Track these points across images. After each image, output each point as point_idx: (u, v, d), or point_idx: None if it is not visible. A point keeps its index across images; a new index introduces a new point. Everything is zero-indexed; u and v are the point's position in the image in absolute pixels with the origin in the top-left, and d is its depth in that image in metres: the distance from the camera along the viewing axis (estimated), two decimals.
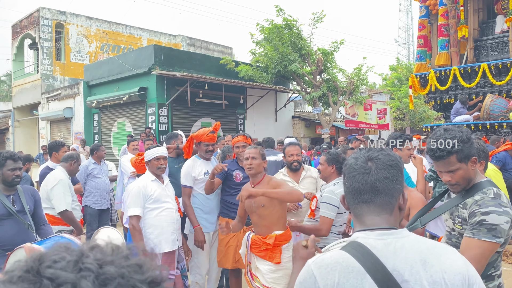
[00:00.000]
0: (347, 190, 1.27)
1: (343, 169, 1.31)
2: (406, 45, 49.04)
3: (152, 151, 3.72)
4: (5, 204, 3.16)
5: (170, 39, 23.72)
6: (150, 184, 3.63)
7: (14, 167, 3.23)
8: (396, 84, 21.15)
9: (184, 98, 12.76)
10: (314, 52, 15.03)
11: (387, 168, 1.22)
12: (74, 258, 0.53)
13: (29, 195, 3.41)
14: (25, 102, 20.11)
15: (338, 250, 1.16)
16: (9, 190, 3.29)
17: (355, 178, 1.23)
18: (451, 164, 1.91)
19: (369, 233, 1.17)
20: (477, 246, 1.78)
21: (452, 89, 10.42)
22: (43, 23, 18.82)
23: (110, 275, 0.52)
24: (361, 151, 1.29)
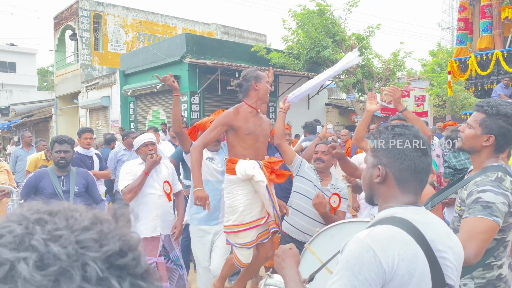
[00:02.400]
0: (406, 167, 1.28)
1: (387, 144, 1.31)
2: (450, 29, 46.88)
3: (139, 138, 3.73)
4: (54, 184, 3.45)
5: (205, 27, 23.85)
6: (137, 167, 3.65)
7: (59, 149, 3.53)
8: (436, 70, 20.29)
9: (215, 86, 12.83)
10: (348, 37, 14.65)
11: (430, 150, 1.33)
12: (23, 231, 0.48)
13: (80, 177, 3.66)
14: (66, 91, 20.94)
15: (386, 225, 1.19)
16: (61, 171, 3.56)
17: (419, 158, 1.28)
18: (473, 119, 1.91)
19: (405, 208, 1.25)
20: (471, 223, 1.72)
21: (494, 74, 9.86)
22: (82, 14, 19.42)
23: (55, 255, 0.46)
24: (406, 129, 1.31)
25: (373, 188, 1.33)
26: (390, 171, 1.28)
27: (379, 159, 1.31)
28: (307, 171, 3.40)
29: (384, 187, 1.30)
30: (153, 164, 3.58)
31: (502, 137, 1.82)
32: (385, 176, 1.29)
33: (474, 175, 1.87)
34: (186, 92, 13.16)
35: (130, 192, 3.48)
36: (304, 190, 3.34)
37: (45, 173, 3.53)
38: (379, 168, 1.29)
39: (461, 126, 2.00)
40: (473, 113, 1.93)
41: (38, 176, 3.48)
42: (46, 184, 3.45)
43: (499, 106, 1.81)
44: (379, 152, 1.31)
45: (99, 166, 5.27)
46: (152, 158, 3.57)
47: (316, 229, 3.28)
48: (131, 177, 3.55)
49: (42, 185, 3.44)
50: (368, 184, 1.35)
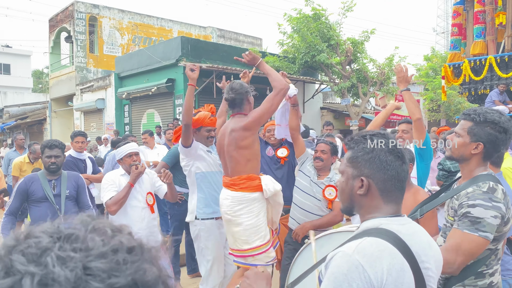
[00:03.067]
0: (390, 177, 1.26)
1: (367, 155, 1.28)
2: (445, 34, 47.23)
3: (123, 148, 3.59)
4: (44, 188, 3.43)
5: (200, 30, 23.87)
6: (119, 178, 3.54)
7: (49, 154, 3.50)
8: (430, 75, 20.40)
9: (211, 89, 12.82)
10: (343, 42, 14.70)
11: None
12: (48, 245, 0.48)
13: (72, 181, 3.63)
14: (61, 93, 20.86)
15: (373, 238, 1.17)
16: (52, 175, 3.54)
17: (401, 167, 1.27)
18: (461, 128, 1.91)
19: (390, 220, 1.24)
20: (458, 237, 1.74)
21: (487, 79, 9.92)
22: (77, 16, 19.38)
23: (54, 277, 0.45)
24: (385, 137, 1.30)
25: (355, 199, 1.30)
26: (373, 182, 1.26)
27: (360, 170, 1.28)
28: (308, 168, 3.55)
29: (367, 198, 1.28)
30: (138, 175, 3.49)
31: (490, 144, 1.82)
32: (368, 187, 1.27)
33: (464, 185, 1.86)
34: (181, 95, 13.14)
35: (115, 204, 3.37)
36: (302, 186, 3.49)
37: (35, 177, 3.51)
38: (363, 179, 1.27)
39: (449, 135, 2.00)
40: (460, 122, 1.93)
41: (28, 181, 3.46)
42: (36, 188, 3.43)
43: (486, 114, 1.82)
44: (360, 163, 1.28)
45: (92, 169, 5.23)
46: (137, 168, 3.47)
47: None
48: (115, 188, 3.45)
49: (32, 189, 3.42)
50: (348, 196, 1.32)
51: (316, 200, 3.40)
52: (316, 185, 3.42)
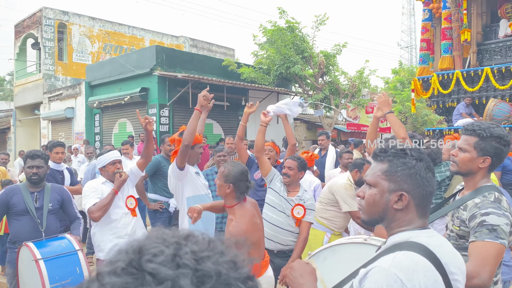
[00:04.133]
0: (428, 193, 1.29)
1: (409, 170, 1.29)
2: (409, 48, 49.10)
3: (106, 156, 3.55)
4: (26, 201, 3.30)
5: (173, 40, 23.73)
6: (101, 186, 3.50)
7: (31, 164, 3.38)
8: (398, 88, 21.13)
9: (186, 99, 12.75)
10: (316, 54, 15.02)
11: None
12: (172, 251, 0.54)
13: (55, 193, 3.50)
14: (27, 101, 20.12)
15: (406, 252, 1.19)
16: (34, 187, 3.41)
17: (432, 180, 1.29)
18: (466, 143, 1.98)
19: (419, 233, 1.26)
20: (481, 247, 1.76)
21: (454, 92, 10.37)
22: (46, 23, 18.85)
23: (208, 273, 0.52)
24: (422, 153, 1.32)
25: (388, 213, 1.30)
26: (411, 197, 1.27)
27: (399, 185, 1.28)
28: (277, 184, 3.60)
29: (402, 212, 1.28)
30: (123, 182, 3.46)
31: (496, 157, 1.93)
32: (417, 203, 1.28)
33: (469, 196, 1.94)
34: (155, 105, 12.99)
35: (99, 210, 3.30)
36: (272, 202, 3.54)
37: (16, 189, 3.37)
38: (403, 195, 1.27)
39: (453, 151, 2.06)
40: (463, 137, 2.00)
41: (8, 193, 3.32)
42: (17, 200, 3.29)
43: (491, 129, 1.92)
44: (399, 178, 1.28)
45: (70, 181, 5.08)
46: (121, 176, 3.44)
47: (285, 237, 3.41)
48: (97, 195, 3.39)
49: (13, 202, 3.28)
50: (382, 209, 1.31)
51: (285, 216, 3.46)
52: (287, 201, 3.48)
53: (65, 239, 3.13)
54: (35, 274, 2.81)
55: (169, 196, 4.96)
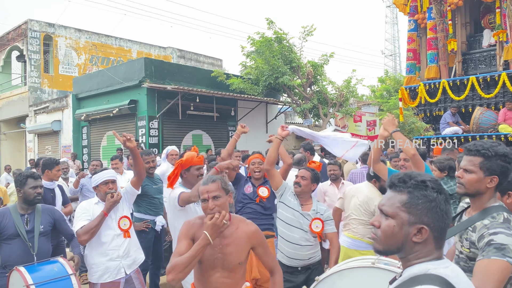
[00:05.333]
0: (446, 226, 1.28)
1: (430, 203, 1.27)
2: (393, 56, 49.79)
3: (99, 176, 3.44)
4: (16, 224, 3.20)
5: (160, 51, 23.70)
6: (93, 207, 3.41)
7: (35, 184, 3.32)
8: (385, 96, 21.37)
9: (175, 110, 12.70)
10: (304, 64, 15.13)
11: None
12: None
13: (46, 215, 3.42)
14: (12, 114, 19.81)
15: (427, 286, 1.18)
16: (26, 209, 3.33)
17: (450, 212, 1.29)
18: (471, 164, 1.96)
19: (436, 264, 1.26)
20: (486, 265, 1.73)
21: (441, 101, 10.51)
22: (31, 35, 18.66)
23: None
24: (440, 184, 1.31)
25: (407, 245, 1.28)
26: (431, 231, 1.26)
27: (419, 218, 1.26)
28: (289, 198, 3.50)
29: (420, 245, 1.27)
30: (114, 204, 3.34)
31: (503, 175, 1.92)
32: (436, 236, 1.28)
33: (477, 217, 1.93)
34: (144, 117, 12.90)
35: (86, 234, 3.19)
36: (286, 218, 3.45)
37: (6, 212, 3.26)
38: (423, 228, 1.26)
39: (457, 173, 2.05)
40: (466, 158, 1.99)
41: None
42: (7, 224, 3.19)
43: (495, 148, 1.92)
44: (419, 211, 1.26)
45: (61, 199, 4.98)
46: (113, 197, 3.33)
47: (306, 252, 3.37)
48: (87, 217, 3.29)
49: (3, 225, 3.17)
50: (401, 241, 1.29)
51: (303, 232, 3.38)
52: (303, 216, 3.40)
53: (57, 262, 3.06)
54: None
55: (154, 214, 4.88)
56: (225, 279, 2.23)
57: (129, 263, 3.42)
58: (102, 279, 3.29)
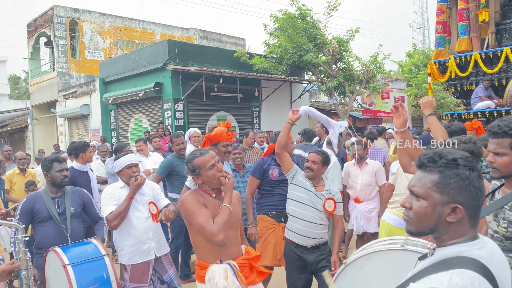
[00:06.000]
0: (477, 203, 1.24)
1: (463, 182, 1.23)
2: (421, 30, 48.12)
3: (123, 160, 3.50)
4: (49, 207, 3.31)
5: (183, 32, 23.69)
6: (119, 191, 3.47)
7: (60, 168, 3.41)
8: (413, 71, 20.75)
9: (199, 92, 12.75)
10: (329, 41, 14.80)
11: None
12: None
13: (76, 197, 3.52)
14: (42, 100, 20.41)
15: (461, 270, 1.15)
16: (56, 192, 3.43)
17: (483, 189, 1.25)
18: (501, 146, 1.90)
19: (469, 245, 1.22)
20: None
21: (473, 75, 10.12)
22: (57, 21, 18.98)
23: None
24: (472, 161, 1.26)
25: (441, 226, 1.25)
26: (465, 209, 1.22)
27: (452, 197, 1.22)
28: (301, 179, 3.57)
29: (455, 225, 1.24)
30: (138, 186, 3.41)
31: None
32: (470, 215, 1.24)
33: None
34: (169, 99, 13.02)
35: (115, 219, 3.27)
36: (299, 197, 3.52)
37: (38, 195, 3.38)
38: (458, 207, 1.22)
39: (488, 157, 1.98)
40: (494, 141, 1.92)
41: (31, 200, 3.33)
42: (40, 207, 3.31)
43: None
44: (452, 190, 1.22)
45: (96, 182, 5.14)
46: (137, 180, 3.39)
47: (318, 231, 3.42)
48: (114, 202, 3.36)
49: (36, 208, 3.29)
50: (434, 222, 1.25)
51: (317, 211, 3.46)
52: (316, 197, 3.48)
53: (91, 243, 3.16)
54: (63, 280, 2.83)
55: None
56: (235, 235, 2.66)
57: (158, 246, 3.50)
58: (133, 261, 3.38)
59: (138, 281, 3.34)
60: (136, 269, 3.36)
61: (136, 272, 3.35)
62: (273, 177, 4.01)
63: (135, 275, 3.35)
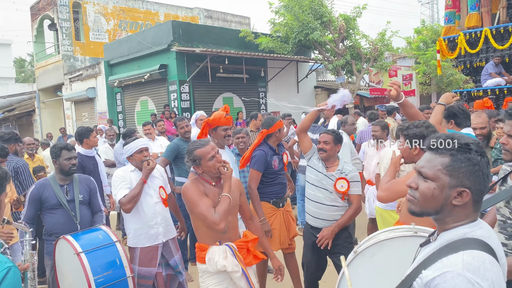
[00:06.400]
0: (485, 189, 1.26)
1: (473, 167, 1.24)
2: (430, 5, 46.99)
3: (133, 145, 3.49)
4: (57, 194, 3.32)
5: (187, 12, 23.38)
6: (129, 175, 3.46)
7: (69, 156, 3.40)
8: (421, 48, 20.35)
9: (205, 74, 12.65)
10: (335, 19, 14.54)
11: None
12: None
13: (84, 184, 3.54)
14: (48, 83, 20.41)
15: (470, 251, 1.18)
16: (65, 179, 3.44)
17: (490, 175, 1.27)
18: None
19: (472, 226, 1.25)
20: None
21: (483, 51, 9.90)
22: (60, 3, 18.79)
23: None
24: (481, 147, 1.27)
25: (446, 208, 1.26)
26: (471, 194, 1.24)
27: (460, 181, 1.23)
28: (314, 161, 3.56)
29: (460, 208, 1.25)
30: (151, 170, 3.42)
31: None
32: (475, 199, 1.25)
33: None
34: (175, 81, 12.94)
35: (130, 202, 3.28)
36: (312, 180, 3.51)
37: (46, 183, 3.38)
38: (465, 191, 1.23)
39: (502, 139, 1.95)
40: (509, 122, 1.89)
41: (39, 188, 3.33)
42: (49, 194, 3.32)
43: None
44: (462, 174, 1.23)
45: (103, 166, 5.15)
46: (149, 164, 3.41)
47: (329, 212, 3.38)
48: (127, 185, 3.37)
49: (45, 196, 3.31)
50: (440, 204, 1.27)
51: (327, 192, 3.40)
52: (326, 177, 3.41)
53: (101, 230, 3.19)
54: (76, 267, 2.86)
55: None
56: (233, 220, 2.79)
57: (166, 231, 3.52)
58: (141, 244, 3.41)
59: (147, 265, 3.38)
60: (145, 253, 3.40)
61: (145, 256, 3.39)
62: (274, 168, 3.98)
63: (143, 259, 3.38)
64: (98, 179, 4.89)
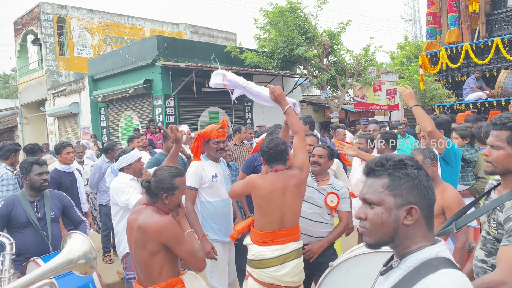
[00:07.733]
0: (432, 202, 1.23)
1: (413, 181, 1.22)
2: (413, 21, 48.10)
3: (132, 154, 3.67)
4: (27, 212, 3.16)
5: (173, 27, 23.44)
6: (130, 182, 3.59)
7: (41, 171, 3.27)
8: (405, 63, 20.70)
9: (190, 88, 12.60)
10: (320, 34, 14.70)
11: None
12: None
13: (55, 200, 3.40)
14: (31, 98, 20.11)
15: (446, 270, 1.13)
16: (35, 196, 3.28)
17: (433, 188, 1.24)
18: (497, 139, 1.82)
19: (440, 246, 1.21)
20: (510, 254, 1.60)
21: (464, 66, 10.09)
22: (44, 18, 18.67)
23: None
24: (415, 161, 1.26)
25: (399, 231, 1.20)
26: (420, 210, 1.19)
27: (405, 199, 1.19)
28: None
29: (413, 228, 1.20)
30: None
31: None
32: (425, 215, 1.21)
33: (507, 196, 1.77)
34: (160, 96, 12.86)
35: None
36: None
37: (15, 200, 3.21)
38: (413, 208, 1.18)
39: (485, 150, 1.91)
40: (494, 133, 1.84)
41: (9, 204, 3.16)
42: (18, 212, 3.14)
43: None
44: (404, 191, 1.19)
45: (83, 182, 5.00)
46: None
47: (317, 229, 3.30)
48: (136, 190, 3.51)
49: (14, 214, 3.13)
50: (392, 228, 1.20)
51: (316, 207, 3.32)
52: (317, 191, 3.34)
53: None
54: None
55: None
56: None
57: None
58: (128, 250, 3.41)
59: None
60: None
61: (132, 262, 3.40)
62: None
63: (131, 265, 3.41)
64: (76, 196, 4.75)
